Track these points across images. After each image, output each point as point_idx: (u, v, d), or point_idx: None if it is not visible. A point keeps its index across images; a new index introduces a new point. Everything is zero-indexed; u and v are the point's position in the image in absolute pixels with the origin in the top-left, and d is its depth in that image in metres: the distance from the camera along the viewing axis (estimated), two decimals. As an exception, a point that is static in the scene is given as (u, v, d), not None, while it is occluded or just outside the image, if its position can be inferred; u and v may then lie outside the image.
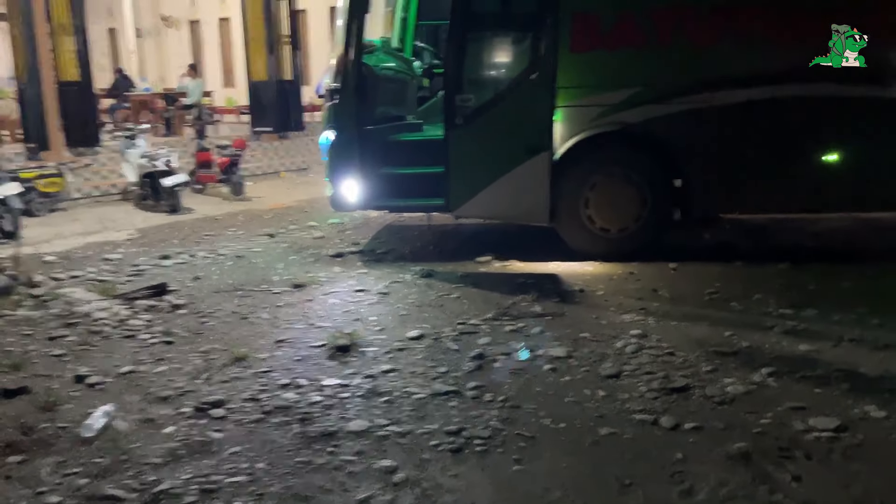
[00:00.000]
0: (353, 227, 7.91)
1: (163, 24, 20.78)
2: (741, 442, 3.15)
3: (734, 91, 5.82)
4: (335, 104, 6.22)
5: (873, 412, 3.38)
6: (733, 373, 3.87)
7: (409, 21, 8.21)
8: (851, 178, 5.92)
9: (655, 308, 5.02)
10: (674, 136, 5.97)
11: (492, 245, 6.64)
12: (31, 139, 10.62)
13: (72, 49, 10.62)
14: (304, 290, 5.59)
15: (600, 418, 3.44)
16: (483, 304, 5.14)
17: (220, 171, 10.27)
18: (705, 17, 5.86)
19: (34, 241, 7.30)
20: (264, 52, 13.43)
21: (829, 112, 5.81)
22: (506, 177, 5.95)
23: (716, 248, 6.58)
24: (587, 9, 5.87)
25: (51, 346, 4.52)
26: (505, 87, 5.98)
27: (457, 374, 3.95)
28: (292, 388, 3.80)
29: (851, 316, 4.68)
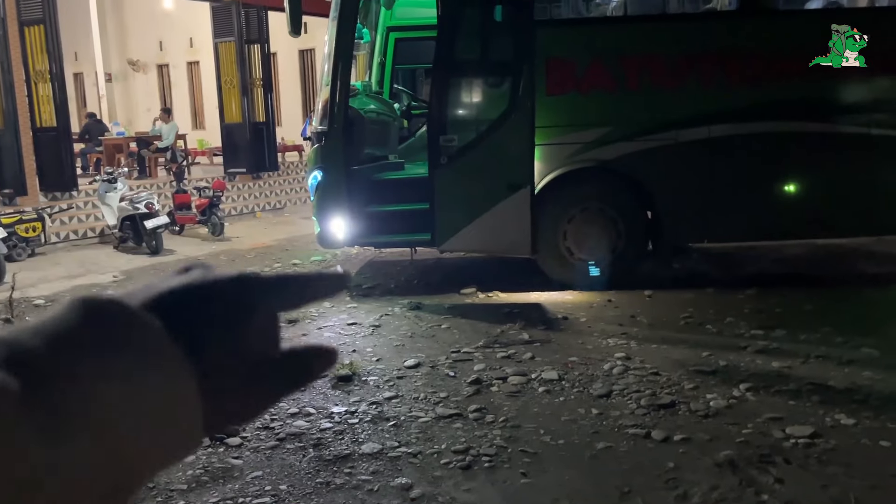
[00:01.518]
0: (337, 263, 8.12)
1: (131, 69, 20.90)
2: (727, 450, 3.43)
3: (698, 129, 6.24)
4: (322, 146, 6.48)
5: (844, 420, 3.70)
6: (714, 389, 4.17)
7: (387, 65, 8.57)
8: (809, 207, 6.35)
9: (636, 333, 5.32)
10: (645, 172, 6.35)
11: (474, 277, 6.90)
12: (7, 185, 10.63)
13: (48, 95, 10.74)
14: (298, 326, 5.77)
15: (596, 434, 3.69)
16: (473, 334, 5.39)
17: (199, 213, 10.41)
18: (669, 64, 6.30)
19: (19, 286, 7.34)
20: (238, 94, 13.69)
21: (786, 147, 6.26)
22: (489, 212, 6.25)
23: (687, 276, 6.95)
24: (561, 55, 6.27)
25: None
26: (486, 128, 6.30)
27: (457, 399, 4.17)
28: (302, 417, 3.99)
29: (817, 335, 5.03)
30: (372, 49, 8.62)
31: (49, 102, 10.79)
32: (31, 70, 10.63)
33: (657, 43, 6.32)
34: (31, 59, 10.60)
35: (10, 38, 10.24)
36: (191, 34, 18.67)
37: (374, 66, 8.55)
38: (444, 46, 6.21)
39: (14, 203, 10.41)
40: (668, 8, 6.54)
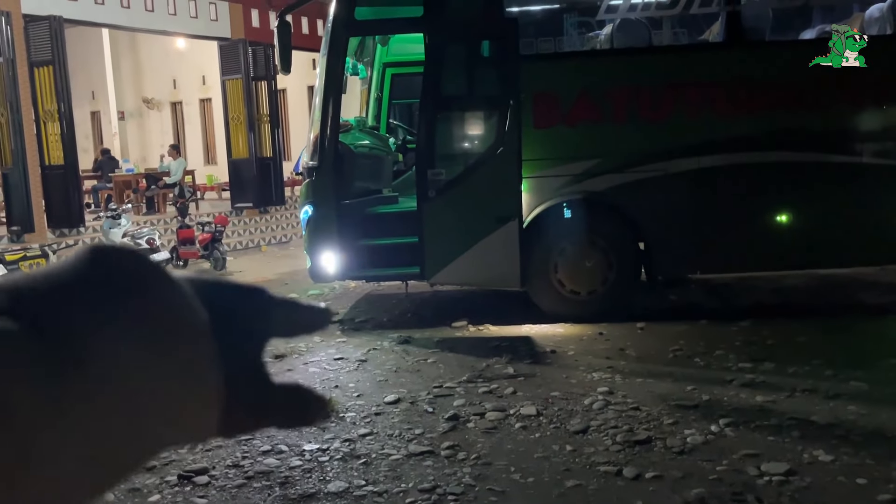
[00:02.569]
0: (334, 297, 8.13)
1: (145, 107, 21.31)
2: (698, 488, 3.36)
3: (687, 159, 6.22)
4: (313, 181, 6.54)
5: (822, 456, 3.60)
6: (693, 424, 4.09)
7: (383, 100, 8.68)
8: (803, 237, 6.28)
9: (622, 366, 5.26)
10: (634, 203, 6.32)
11: (467, 310, 6.88)
12: (15, 222, 10.82)
13: (56, 134, 10.96)
14: (285, 361, 5.77)
15: (567, 471, 3.62)
16: (458, 368, 5.34)
17: (202, 247, 10.51)
18: (657, 95, 6.30)
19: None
20: (245, 130, 13.89)
21: (777, 177, 6.21)
22: (478, 245, 6.24)
23: (682, 308, 6.88)
24: (547, 89, 6.30)
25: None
26: (474, 162, 6.33)
27: (432, 435, 4.13)
28: (273, 454, 3.96)
29: (806, 368, 4.94)
30: (369, 84, 8.74)
31: (58, 141, 11.01)
32: (41, 109, 10.87)
33: (644, 75, 6.34)
34: (41, 98, 10.84)
35: (20, 79, 10.50)
36: (203, 72, 19.02)
37: (370, 102, 8.66)
38: (432, 81, 6.27)
39: (21, 240, 10.59)
40: (653, 41, 6.55)
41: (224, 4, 13.67)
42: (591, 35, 7.07)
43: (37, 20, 10.70)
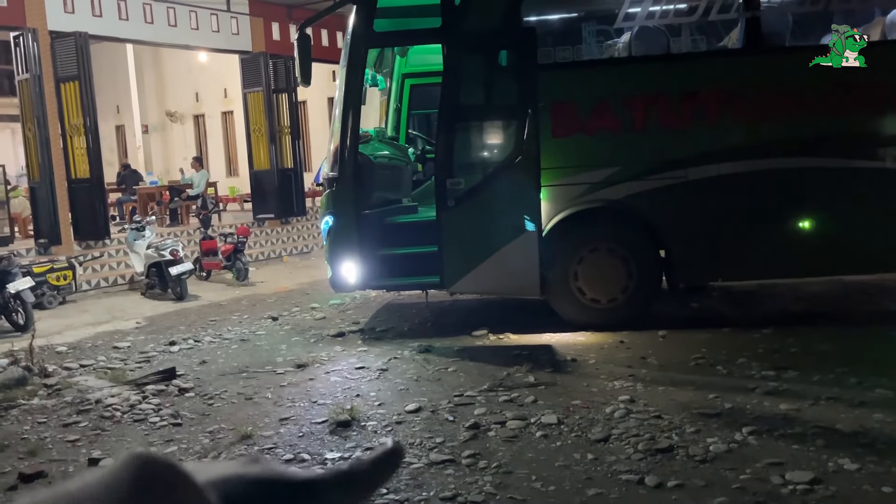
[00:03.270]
0: (354, 307, 8.18)
1: (169, 120, 21.60)
2: (721, 497, 3.34)
3: (708, 166, 6.20)
4: (333, 191, 6.59)
5: (847, 465, 3.57)
6: (716, 433, 4.07)
7: (403, 111, 8.73)
8: (826, 243, 6.21)
9: (644, 374, 5.23)
10: (654, 211, 6.31)
11: (487, 319, 6.88)
12: (43, 235, 11.01)
13: (83, 148, 11.14)
14: (307, 370, 5.82)
15: (588, 480, 3.62)
16: (479, 377, 5.35)
17: (224, 258, 10.62)
18: (676, 103, 6.29)
19: (46, 333, 7.55)
20: (266, 142, 14.03)
21: (798, 183, 6.16)
22: (497, 254, 6.26)
23: (703, 316, 6.83)
24: (565, 98, 6.32)
25: (65, 432, 4.72)
26: (492, 171, 6.35)
27: (453, 444, 4.14)
28: (296, 463, 3.99)
29: (830, 376, 4.89)
30: (388, 95, 8.80)
31: (83, 155, 11.19)
32: (67, 124, 11.07)
33: (663, 82, 6.34)
34: (67, 113, 11.04)
35: (47, 95, 10.70)
36: (225, 85, 19.24)
37: (389, 112, 8.72)
38: (450, 91, 6.31)
39: (49, 252, 10.77)
40: (672, 48, 6.54)
41: (245, 18, 13.85)
42: (609, 43, 7.07)
43: (63, 36, 10.91)
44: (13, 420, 5.00)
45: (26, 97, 10.79)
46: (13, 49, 10.88)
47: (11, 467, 4.16)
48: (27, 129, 10.96)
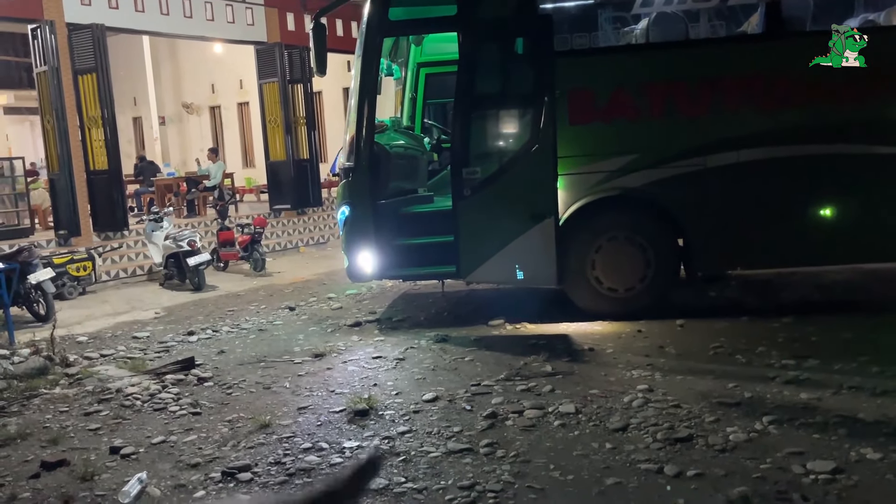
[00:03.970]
0: (371, 296, 8.19)
1: (185, 111, 21.69)
2: (741, 486, 3.30)
3: (727, 153, 6.13)
4: (349, 181, 6.59)
5: (869, 455, 3.52)
6: (735, 422, 4.03)
7: (418, 100, 8.70)
8: (847, 231, 6.13)
9: (662, 364, 5.20)
10: (672, 199, 6.25)
11: (504, 309, 6.86)
12: (62, 226, 11.11)
13: (101, 139, 11.22)
14: (324, 360, 5.83)
15: (607, 469, 3.60)
16: (496, 366, 5.34)
17: (242, 249, 10.67)
18: (694, 89, 6.21)
19: (67, 324, 7.64)
20: (282, 133, 14.05)
21: (819, 169, 6.08)
22: (513, 243, 6.23)
23: (722, 305, 6.78)
24: (582, 86, 6.26)
25: (86, 420, 4.77)
26: (508, 160, 6.31)
27: (470, 433, 4.13)
28: (314, 452, 4.01)
29: (852, 364, 4.83)
30: (403, 85, 8.77)
31: (102, 146, 11.27)
32: (85, 116, 11.14)
33: (681, 69, 6.26)
34: (85, 105, 11.11)
35: (65, 87, 10.78)
36: (240, 76, 19.28)
37: (405, 102, 8.69)
38: (466, 80, 6.27)
39: (69, 243, 10.87)
40: (690, 34, 6.45)
41: (260, 9, 13.85)
42: (626, 30, 6.99)
43: (80, 29, 10.97)
44: (35, 409, 5.06)
45: (44, 89, 10.87)
46: (31, 41, 10.95)
47: (34, 455, 4.21)
48: (46, 121, 11.05)
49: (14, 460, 4.18)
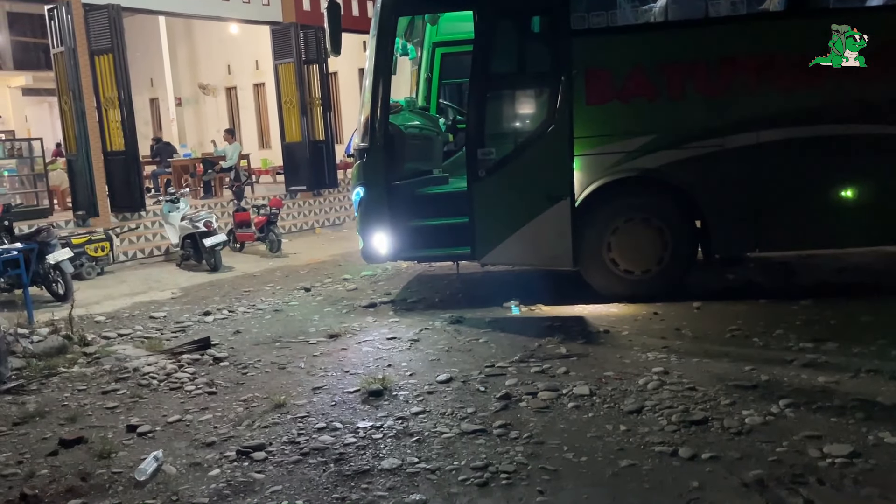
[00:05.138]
0: (386, 278, 8.20)
1: (201, 93, 21.73)
2: (757, 469, 3.28)
3: (746, 134, 6.03)
4: (364, 162, 6.57)
5: (887, 438, 3.48)
6: (751, 405, 4.00)
7: (434, 80, 8.63)
8: (869, 212, 6.03)
9: (678, 346, 5.16)
10: (690, 180, 6.18)
11: (519, 290, 6.84)
12: (81, 207, 11.20)
13: (118, 120, 11.26)
14: (339, 340, 5.85)
15: (621, 451, 3.59)
16: (510, 348, 5.33)
17: (258, 230, 10.70)
18: (713, 69, 6.11)
19: (85, 303, 7.71)
20: (298, 114, 14.04)
21: (841, 150, 5.97)
22: (529, 224, 6.19)
23: (740, 287, 6.72)
24: (600, 65, 6.18)
25: (104, 399, 4.82)
26: (524, 140, 6.26)
27: (484, 414, 4.13)
28: (328, 431, 4.02)
29: (871, 348, 4.77)
30: (419, 65, 8.71)
31: (118, 127, 11.32)
32: (102, 97, 11.18)
33: (700, 48, 6.16)
34: (102, 86, 11.15)
35: (82, 68, 10.81)
36: (256, 57, 19.27)
37: (420, 82, 8.63)
38: (482, 59, 6.21)
39: (87, 224, 10.97)
40: (710, 12, 6.34)
41: (276, -11, 13.79)
42: (645, 8, 6.86)
43: (96, 9, 10.98)
44: (54, 387, 5.12)
45: (62, 70, 10.92)
46: (48, 22, 10.99)
47: (52, 433, 4.27)
48: (63, 101, 11.12)
49: (33, 438, 4.24)
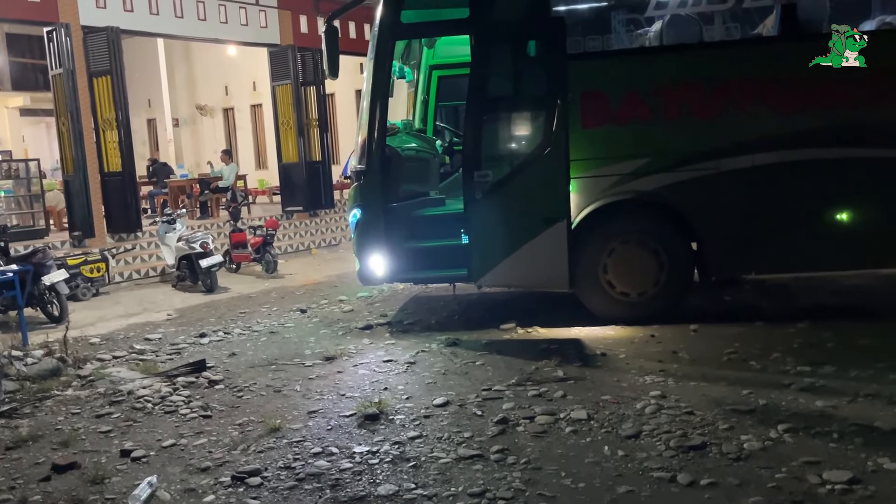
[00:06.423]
0: (382, 299, 8.18)
1: (199, 113, 21.80)
2: (756, 496, 3.26)
3: (741, 157, 6.06)
4: (361, 184, 6.58)
5: (887, 464, 3.46)
6: (750, 430, 3.98)
7: (430, 103, 8.69)
8: (863, 236, 6.05)
9: (675, 369, 5.15)
10: (686, 202, 6.20)
11: (515, 312, 6.83)
12: (77, 227, 11.18)
13: (115, 141, 11.28)
14: (335, 363, 5.82)
15: (619, 477, 3.56)
16: (507, 371, 5.31)
17: (254, 251, 10.69)
18: (708, 92, 6.16)
19: (80, 325, 7.67)
20: (294, 135, 14.09)
21: (835, 174, 6.00)
22: (525, 246, 6.20)
23: (737, 310, 6.71)
24: (596, 89, 6.22)
25: (98, 423, 4.78)
26: (521, 163, 6.27)
27: (481, 439, 4.10)
28: (324, 456, 3.99)
29: (869, 371, 4.76)
30: (415, 87, 8.76)
31: (116, 148, 11.33)
32: (100, 118, 11.21)
33: (695, 72, 6.21)
34: (100, 107, 11.18)
35: (80, 90, 10.85)
36: (254, 78, 19.38)
37: (417, 104, 8.68)
38: (478, 83, 6.25)
39: (83, 244, 10.94)
40: (705, 36, 6.39)
41: (273, 11, 13.89)
42: (640, 32, 6.93)
43: (95, 31, 11.04)
44: (47, 411, 5.08)
45: (60, 91, 10.95)
46: (46, 44, 11.03)
47: (45, 458, 4.22)
48: (61, 123, 11.13)
49: (25, 462, 4.20)
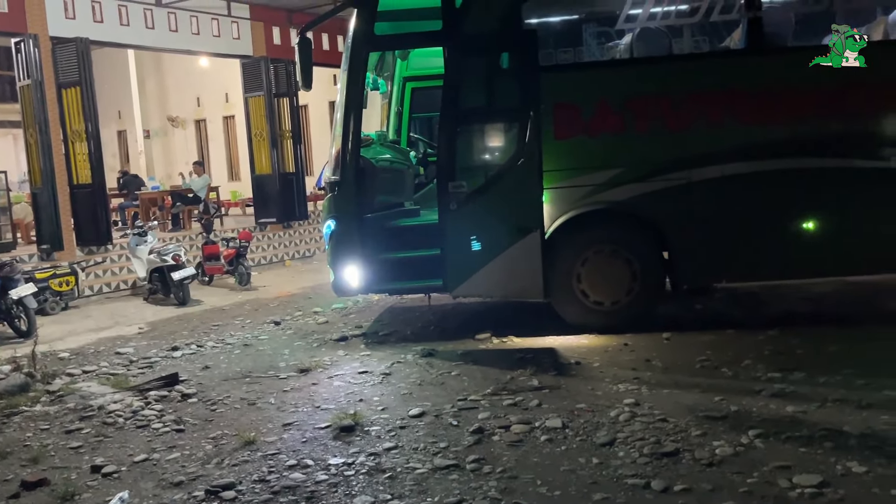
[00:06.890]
0: (357, 310, 8.16)
1: (170, 125, 21.61)
2: (729, 501, 3.30)
3: (711, 167, 6.17)
4: (335, 195, 6.57)
5: (855, 468, 3.53)
6: (722, 436, 4.03)
7: (404, 114, 8.72)
8: (831, 244, 6.17)
9: (649, 377, 5.20)
10: (657, 212, 6.28)
11: (491, 322, 6.86)
12: (45, 240, 11.01)
13: (84, 153, 11.13)
14: (310, 375, 5.79)
15: (594, 484, 3.58)
16: (482, 381, 5.32)
17: (227, 263, 10.60)
18: (678, 104, 6.26)
19: (48, 339, 7.54)
20: (268, 147, 14.03)
21: (803, 183, 6.13)
22: (500, 257, 6.24)
23: (708, 318, 6.80)
24: (567, 100, 6.29)
25: (67, 438, 4.70)
26: (494, 174, 6.32)
27: (457, 449, 4.11)
28: (299, 469, 3.96)
29: (837, 377, 4.85)
30: (389, 99, 8.78)
31: (85, 160, 11.18)
32: (69, 130, 11.06)
33: (664, 84, 6.31)
34: (69, 119, 11.04)
35: (48, 100, 10.71)
36: (226, 90, 19.25)
37: (391, 116, 8.70)
38: (452, 94, 6.29)
39: (52, 258, 10.77)
40: (674, 49, 6.51)
41: (246, 23, 13.85)
42: (610, 45, 7.04)
43: (64, 42, 10.92)
44: (16, 427, 4.98)
45: (28, 103, 10.80)
46: (14, 55, 10.89)
47: (14, 475, 4.14)
48: (29, 134, 10.97)
49: (-7, 480, 4.11)
